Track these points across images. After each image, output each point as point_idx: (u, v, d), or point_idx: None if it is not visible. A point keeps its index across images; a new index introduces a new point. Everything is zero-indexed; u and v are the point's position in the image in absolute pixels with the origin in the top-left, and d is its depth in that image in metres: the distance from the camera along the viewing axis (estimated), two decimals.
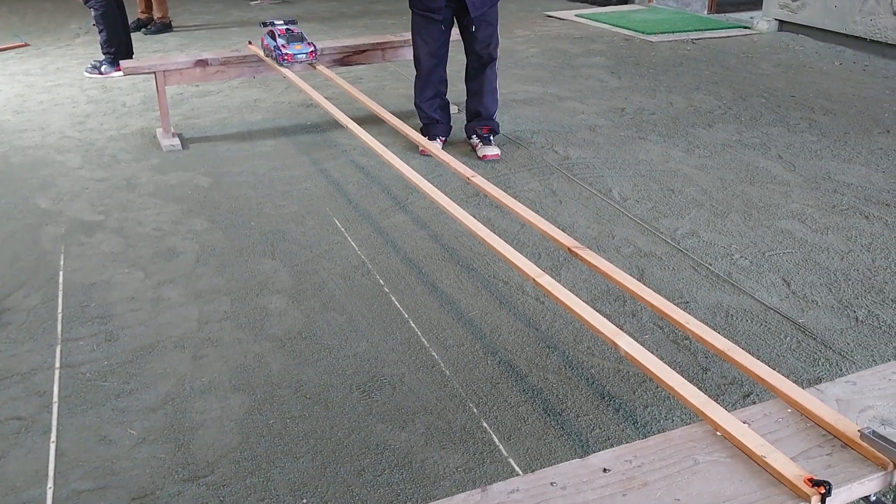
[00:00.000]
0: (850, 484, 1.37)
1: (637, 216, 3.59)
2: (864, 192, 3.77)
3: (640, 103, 5.26)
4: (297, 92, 5.56)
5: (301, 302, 2.97)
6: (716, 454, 1.44)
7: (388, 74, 6.16)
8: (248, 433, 2.29)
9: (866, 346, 2.59)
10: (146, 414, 2.38)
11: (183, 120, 5.16)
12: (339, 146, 4.56)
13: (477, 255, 3.25)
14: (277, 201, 3.86)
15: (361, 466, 2.15)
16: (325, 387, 2.48)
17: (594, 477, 1.39)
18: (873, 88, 5.51)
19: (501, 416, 2.33)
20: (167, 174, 4.24)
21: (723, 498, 1.34)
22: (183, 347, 2.70)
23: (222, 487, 2.09)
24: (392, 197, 3.86)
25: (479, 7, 4.11)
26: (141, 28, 7.90)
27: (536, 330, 2.75)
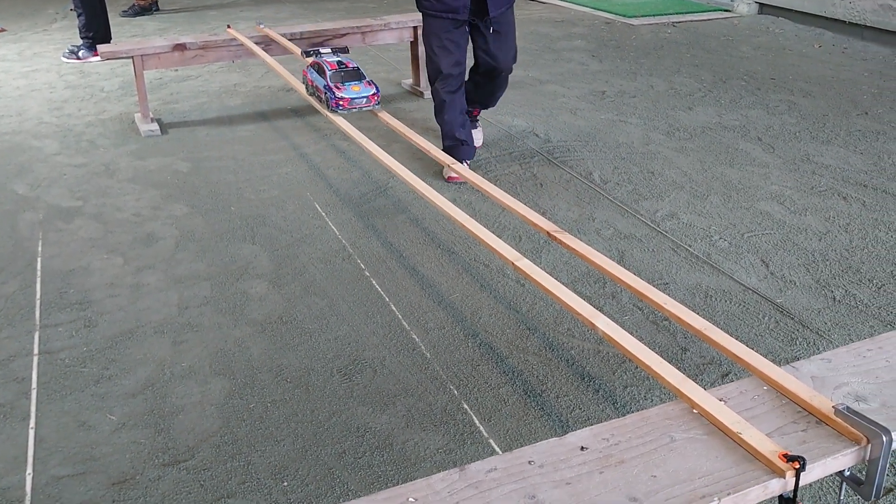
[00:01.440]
0: (825, 459, 1.39)
1: (617, 199, 3.60)
2: (843, 174, 3.79)
3: (620, 86, 5.27)
4: (276, 76, 5.53)
5: (281, 286, 2.96)
6: (692, 431, 1.45)
7: (368, 58, 6.13)
8: (229, 417, 2.29)
9: (843, 325, 2.62)
10: (126, 399, 2.37)
11: (162, 105, 5.12)
12: (320, 130, 4.54)
13: (458, 239, 3.25)
14: (257, 186, 3.84)
15: (342, 449, 2.15)
16: (306, 370, 2.48)
17: (571, 455, 1.40)
18: (852, 71, 5.54)
19: (482, 398, 2.33)
20: (146, 159, 4.21)
21: (699, 474, 1.35)
22: (163, 333, 2.69)
23: (203, 471, 2.09)
24: (373, 181, 3.85)
25: (498, 6, 3.63)
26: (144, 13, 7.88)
27: (517, 312, 2.76)
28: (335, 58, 3.49)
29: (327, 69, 3.39)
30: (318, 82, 3.44)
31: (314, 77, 3.49)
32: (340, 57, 3.50)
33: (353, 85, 3.34)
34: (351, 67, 3.41)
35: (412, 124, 4.36)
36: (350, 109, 3.31)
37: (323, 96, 3.40)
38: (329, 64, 3.41)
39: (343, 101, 3.30)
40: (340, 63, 3.43)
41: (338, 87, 3.30)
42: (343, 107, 3.30)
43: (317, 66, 3.49)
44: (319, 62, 3.47)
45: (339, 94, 3.29)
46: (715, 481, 1.33)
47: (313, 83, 3.50)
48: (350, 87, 3.32)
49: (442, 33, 3.62)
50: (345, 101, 3.30)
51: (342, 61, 3.44)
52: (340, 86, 3.31)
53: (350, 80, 3.36)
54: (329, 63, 3.42)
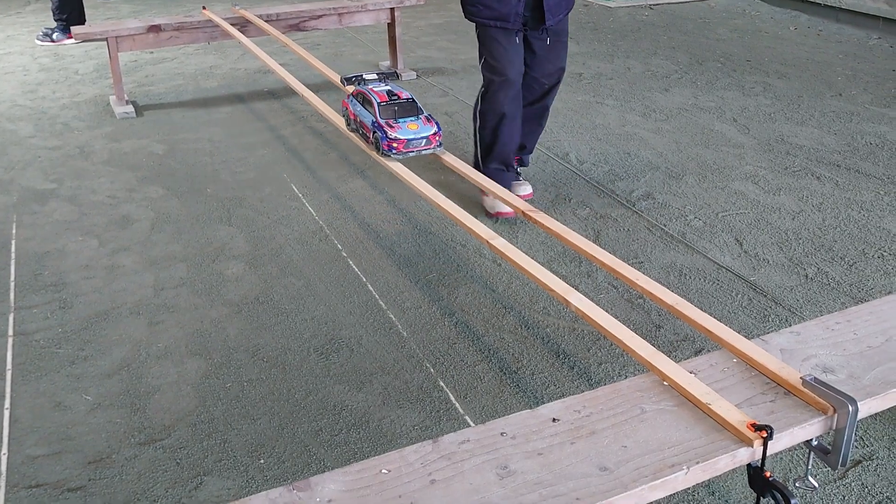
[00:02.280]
0: (792, 428, 1.41)
1: (593, 179, 3.61)
2: (816, 154, 3.82)
3: (597, 68, 5.28)
4: (253, 58, 5.49)
5: (258, 267, 2.95)
6: (662, 403, 1.47)
7: (345, 40, 6.10)
8: (205, 397, 2.29)
9: (815, 302, 2.65)
10: (101, 380, 2.37)
11: (137, 87, 5.08)
12: (297, 112, 4.53)
13: (435, 219, 3.26)
14: (234, 168, 3.82)
15: (319, 427, 2.16)
16: (283, 350, 2.49)
17: (543, 427, 1.42)
18: (827, 53, 5.58)
19: (458, 375, 2.35)
20: (121, 142, 4.18)
21: (668, 444, 1.37)
22: (138, 314, 2.69)
23: (179, 450, 2.09)
24: (350, 163, 3.84)
25: (556, 13, 3.15)
26: None
27: (493, 291, 2.77)
28: (383, 86, 2.84)
29: (375, 101, 2.73)
30: (365, 118, 2.77)
31: (358, 110, 2.83)
32: (390, 85, 2.86)
33: (409, 122, 2.69)
34: (405, 99, 2.76)
35: None
36: (407, 153, 2.66)
37: (371, 136, 2.73)
38: (377, 95, 2.76)
39: (398, 143, 2.64)
40: (391, 94, 2.77)
41: (390, 126, 2.66)
42: (398, 150, 2.64)
43: (361, 97, 2.83)
44: (364, 92, 2.81)
45: (393, 134, 2.64)
46: (684, 450, 1.35)
47: (357, 118, 2.83)
48: (405, 124, 2.67)
49: (503, 41, 3.15)
50: (400, 143, 2.63)
51: (392, 91, 2.79)
52: (394, 124, 2.67)
53: (405, 116, 2.71)
54: (377, 94, 2.76)
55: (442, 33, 6.37)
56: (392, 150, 2.66)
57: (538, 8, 3.10)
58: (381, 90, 2.79)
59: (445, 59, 5.61)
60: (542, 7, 3.10)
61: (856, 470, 1.97)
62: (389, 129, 2.65)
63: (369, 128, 2.74)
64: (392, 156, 2.66)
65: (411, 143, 2.65)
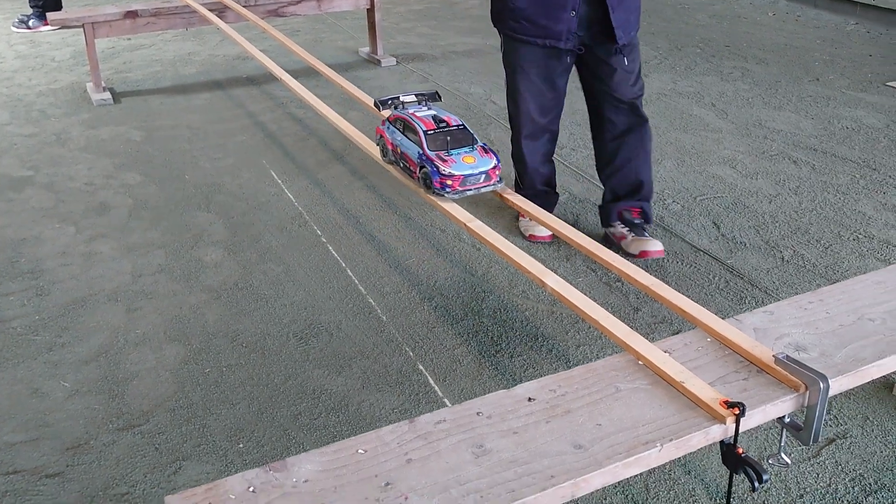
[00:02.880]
0: (764, 405, 1.43)
1: (573, 164, 3.62)
2: (793, 138, 3.85)
3: None
4: (231, 45, 5.46)
5: (237, 253, 2.95)
6: (637, 382, 1.49)
7: (325, 27, 6.08)
8: (184, 382, 2.28)
9: (791, 284, 2.67)
10: (79, 366, 2.36)
11: (114, 74, 5.04)
12: (276, 98, 4.51)
13: (414, 205, 3.26)
14: (212, 154, 3.80)
15: (298, 411, 2.16)
16: (262, 335, 2.48)
17: (519, 406, 1.42)
18: (805, 38, 5.60)
19: (437, 359, 2.36)
20: (98, 129, 4.15)
21: (642, 421, 1.38)
22: (116, 300, 2.67)
23: (157, 435, 2.09)
24: (330, 149, 3.83)
25: (628, 28, 2.68)
26: None
27: (472, 275, 2.78)
28: (427, 110, 2.35)
29: (421, 129, 2.25)
30: (408, 149, 2.29)
31: (398, 140, 2.34)
32: (434, 109, 2.37)
33: (464, 154, 2.22)
34: (455, 126, 2.27)
35: (370, 93, 4.35)
36: (464, 192, 2.22)
37: (418, 171, 2.26)
38: (422, 121, 2.28)
39: (453, 179, 2.18)
40: (438, 120, 2.28)
41: (442, 160, 2.19)
42: (453, 188, 2.19)
43: (401, 124, 2.35)
44: (405, 118, 2.32)
45: (447, 169, 2.17)
46: (658, 428, 1.37)
47: (397, 148, 2.35)
48: (460, 157, 2.21)
49: (532, 65, 2.69)
50: (455, 179, 2.18)
51: (438, 116, 2.30)
52: (446, 157, 2.20)
53: (458, 147, 2.23)
54: (421, 120, 2.28)
55: (422, 19, 6.35)
56: (446, 189, 2.18)
57: (601, 23, 2.62)
58: (426, 115, 2.31)
59: (426, 45, 5.59)
60: (607, 21, 2.61)
61: (829, 448, 2.00)
62: (442, 163, 2.18)
63: (415, 161, 2.25)
64: (446, 195, 2.21)
65: (468, 179, 2.20)
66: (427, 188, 2.24)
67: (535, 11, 2.62)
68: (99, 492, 1.91)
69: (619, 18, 2.62)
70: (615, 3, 2.62)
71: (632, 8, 2.71)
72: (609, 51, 2.68)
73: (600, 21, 2.62)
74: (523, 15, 2.64)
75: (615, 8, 2.61)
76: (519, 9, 2.65)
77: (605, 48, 2.67)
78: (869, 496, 1.86)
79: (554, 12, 2.59)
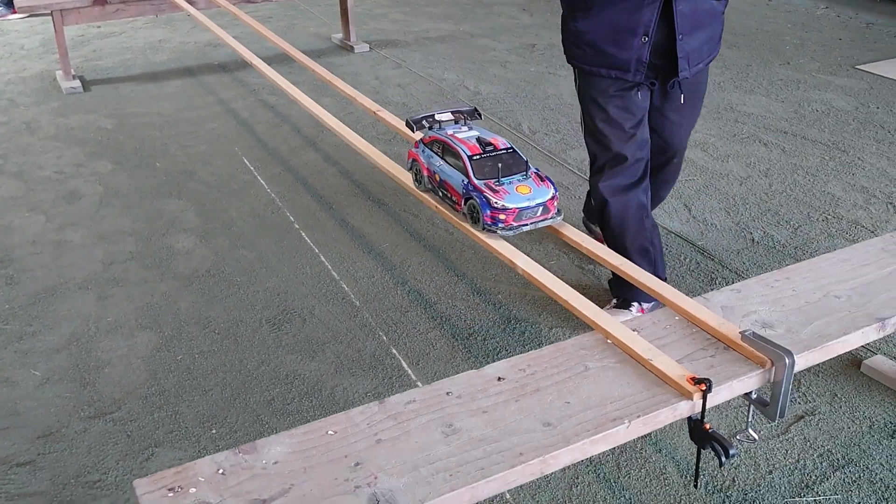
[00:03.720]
0: (731, 381, 1.44)
1: (545, 148, 3.63)
2: (764, 122, 3.88)
3: (550, 39, 5.28)
4: (203, 32, 5.41)
5: (209, 240, 2.93)
6: (606, 360, 1.49)
7: (297, 13, 6.04)
8: (156, 369, 2.27)
9: (760, 265, 2.70)
10: (50, 355, 2.34)
11: (84, 62, 4.99)
12: (248, 85, 4.48)
13: (388, 191, 3.25)
14: (184, 142, 3.78)
15: (271, 396, 2.16)
16: (235, 322, 2.48)
17: (489, 386, 1.43)
18: (776, 22, 5.64)
19: (410, 343, 2.36)
20: (68, 117, 4.11)
21: (611, 399, 1.39)
22: (87, 289, 2.65)
23: (129, 422, 2.08)
24: (302, 135, 3.82)
25: (696, 60, 2.26)
26: None
27: (445, 260, 2.78)
28: (468, 131, 2.01)
29: (464, 153, 1.90)
30: (449, 177, 1.94)
31: (437, 166, 1.99)
32: (476, 129, 2.02)
33: (517, 184, 1.88)
34: (504, 149, 1.94)
35: (343, 79, 4.33)
36: (519, 228, 1.87)
37: (462, 203, 1.91)
38: (465, 144, 1.92)
39: (506, 213, 1.84)
40: (483, 143, 1.94)
41: (493, 190, 1.85)
42: (506, 223, 1.85)
43: (440, 147, 2.00)
44: (444, 140, 1.98)
45: (499, 201, 1.84)
46: (626, 405, 1.38)
47: (436, 175, 2.00)
48: (513, 186, 1.87)
49: (607, 97, 2.28)
50: (509, 213, 1.84)
51: (483, 138, 1.96)
52: (497, 186, 1.86)
53: (510, 175, 1.89)
54: (464, 143, 1.93)
55: (395, 5, 6.32)
56: (498, 224, 1.85)
57: (668, 53, 2.22)
58: (468, 137, 1.96)
59: (399, 31, 5.57)
60: (673, 51, 2.20)
61: (798, 425, 2.02)
62: (493, 194, 1.84)
63: (458, 192, 1.92)
64: (498, 231, 1.86)
65: (524, 212, 1.86)
66: (474, 223, 1.89)
67: (601, 35, 2.20)
68: (71, 479, 1.90)
69: (689, 46, 2.21)
70: (686, 27, 2.18)
71: (707, 34, 2.25)
72: (670, 85, 2.28)
73: (668, 50, 2.21)
74: (586, 39, 2.23)
75: (685, 32, 2.18)
76: (582, 31, 2.24)
77: (665, 80, 2.28)
78: (837, 471, 1.89)
79: (622, 37, 2.17)
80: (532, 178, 1.91)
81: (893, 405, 2.08)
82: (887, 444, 1.96)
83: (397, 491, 1.20)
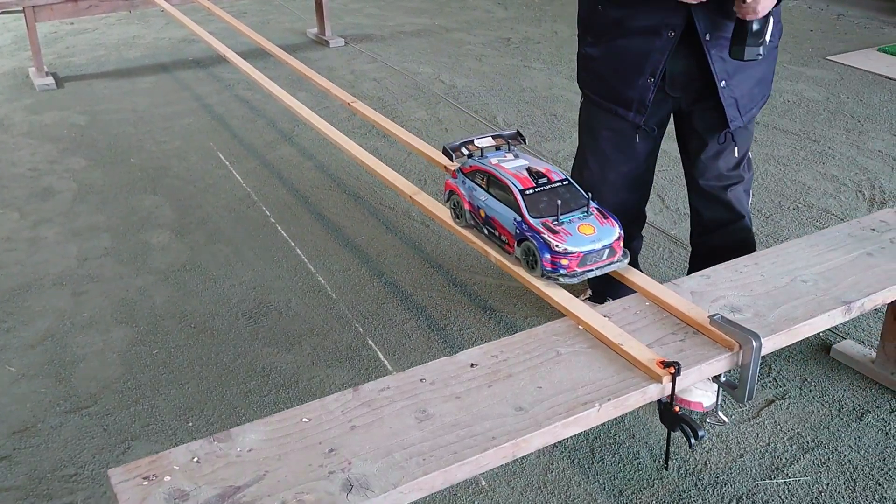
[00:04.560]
0: (700, 365, 1.47)
1: None
2: None
3: (525, 33, 5.30)
4: (177, 28, 5.38)
5: (185, 235, 2.93)
6: (577, 345, 1.52)
7: (272, 8, 6.02)
8: (132, 364, 2.27)
9: None
10: (25, 351, 2.33)
11: (58, 59, 4.95)
12: (223, 81, 4.46)
13: (364, 184, 3.26)
14: (158, 137, 3.76)
15: (248, 388, 2.17)
16: (211, 316, 2.48)
17: (462, 372, 1.45)
18: None
19: (386, 334, 2.37)
20: (41, 114, 4.08)
21: (582, 383, 1.41)
22: (62, 284, 2.65)
23: (105, 416, 2.08)
24: (278, 130, 3.81)
25: (746, 107, 2.01)
26: None
27: (421, 252, 2.79)
28: (514, 159, 1.81)
29: (515, 188, 1.69)
30: (497, 213, 1.73)
31: (480, 200, 1.78)
32: (523, 157, 1.83)
33: (579, 222, 1.66)
34: (559, 181, 1.73)
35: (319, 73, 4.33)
36: (583, 274, 1.64)
37: (515, 245, 1.70)
38: (514, 177, 1.72)
39: (569, 258, 1.62)
40: (535, 174, 1.74)
41: (552, 231, 1.63)
42: (569, 269, 1.63)
43: (483, 178, 1.79)
44: (489, 171, 1.77)
45: (561, 244, 1.61)
46: (597, 389, 1.40)
47: (479, 210, 1.79)
48: (575, 226, 1.64)
49: (602, 129, 2.11)
50: (573, 258, 1.62)
51: (533, 168, 1.76)
52: (556, 226, 1.64)
53: (569, 212, 1.68)
54: (513, 174, 1.73)
55: (370, 0, 6.31)
56: (560, 270, 1.63)
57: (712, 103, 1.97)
58: (517, 167, 1.75)
59: (374, 25, 5.57)
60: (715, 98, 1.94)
61: (769, 409, 2.06)
62: (552, 235, 1.62)
63: (509, 231, 1.70)
64: (560, 278, 1.64)
65: (589, 256, 1.63)
66: (530, 268, 1.68)
67: (606, 64, 2.02)
68: (47, 474, 1.90)
69: (737, 91, 1.94)
70: (728, 70, 1.92)
71: (758, 74, 2.00)
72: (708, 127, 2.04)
73: (702, 82, 1.97)
74: (593, 66, 2.07)
75: (729, 75, 1.93)
76: (590, 57, 2.07)
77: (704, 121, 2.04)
78: (806, 453, 1.92)
79: (627, 73, 1.97)
80: (594, 215, 1.68)
81: (861, 388, 2.12)
82: (855, 427, 1.99)
83: (371, 476, 1.22)
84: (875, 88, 4.16)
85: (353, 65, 4.72)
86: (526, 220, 1.66)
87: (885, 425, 2.00)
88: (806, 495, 1.81)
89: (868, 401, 2.08)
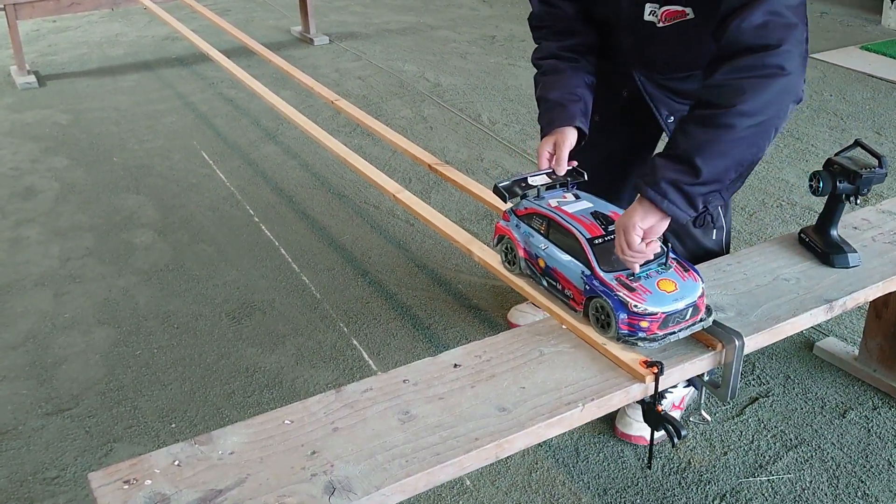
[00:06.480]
0: (682, 364, 1.46)
1: (505, 139, 3.65)
2: None
3: (510, 30, 5.30)
4: (160, 25, 5.35)
5: (168, 235, 2.91)
6: (561, 345, 1.51)
7: (256, 6, 6.00)
8: (114, 365, 2.26)
9: None
10: (6, 352, 2.31)
11: (40, 57, 4.91)
12: (207, 79, 4.44)
13: (348, 183, 3.25)
14: (142, 136, 3.74)
15: (231, 389, 2.16)
16: (194, 316, 2.46)
17: (445, 372, 1.44)
18: None
19: (371, 334, 2.37)
20: (23, 112, 4.05)
21: (565, 383, 1.41)
22: (44, 285, 2.63)
23: (88, 418, 2.06)
24: (262, 128, 3.80)
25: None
26: None
27: (406, 251, 2.79)
28: (578, 202, 1.61)
29: (581, 235, 1.51)
30: (560, 264, 1.54)
31: (539, 248, 1.59)
32: (585, 197, 1.63)
33: (658, 277, 1.46)
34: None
35: (303, 71, 4.32)
36: (665, 338, 1.44)
37: (584, 301, 1.50)
38: (580, 223, 1.53)
39: (650, 319, 1.42)
40: (603, 219, 1.55)
41: (628, 288, 1.44)
42: (650, 331, 1.42)
43: (541, 223, 1.60)
44: (547, 214, 1.58)
45: (640, 304, 1.42)
46: (580, 389, 1.40)
47: (538, 259, 1.60)
48: (654, 282, 1.45)
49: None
50: (654, 320, 1.42)
51: (600, 213, 1.57)
52: (633, 283, 1.45)
53: (646, 264, 1.48)
54: (578, 220, 1.54)
55: None
56: (639, 333, 1.43)
57: None
58: (581, 212, 1.56)
59: (359, 23, 5.56)
60: None
61: (752, 407, 2.06)
62: (629, 293, 1.43)
63: (576, 287, 1.52)
64: (639, 343, 1.43)
65: (672, 317, 1.43)
66: (602, 329, 1.47)
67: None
68: (28, 476, 1.89)
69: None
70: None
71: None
72: None
73: None
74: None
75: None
76: None
77: None
78: (790, 451, 1.93)
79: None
80: (674, 268, 1.49)
81: (844, 386, 2.13)
82: (838, 424, 2.00)
83: (353, 478, 1.21)
84: (858, 86, 4.18)
85: (338, 63, 4.70)
86: (597, 275, 1.46)
87: (867, 422, 2.01)
88: (789, 492, 1.82)
89: (851, 398, 2.09)
